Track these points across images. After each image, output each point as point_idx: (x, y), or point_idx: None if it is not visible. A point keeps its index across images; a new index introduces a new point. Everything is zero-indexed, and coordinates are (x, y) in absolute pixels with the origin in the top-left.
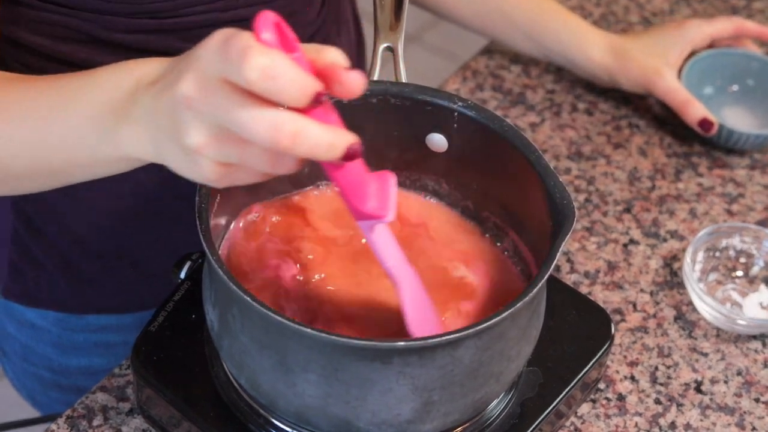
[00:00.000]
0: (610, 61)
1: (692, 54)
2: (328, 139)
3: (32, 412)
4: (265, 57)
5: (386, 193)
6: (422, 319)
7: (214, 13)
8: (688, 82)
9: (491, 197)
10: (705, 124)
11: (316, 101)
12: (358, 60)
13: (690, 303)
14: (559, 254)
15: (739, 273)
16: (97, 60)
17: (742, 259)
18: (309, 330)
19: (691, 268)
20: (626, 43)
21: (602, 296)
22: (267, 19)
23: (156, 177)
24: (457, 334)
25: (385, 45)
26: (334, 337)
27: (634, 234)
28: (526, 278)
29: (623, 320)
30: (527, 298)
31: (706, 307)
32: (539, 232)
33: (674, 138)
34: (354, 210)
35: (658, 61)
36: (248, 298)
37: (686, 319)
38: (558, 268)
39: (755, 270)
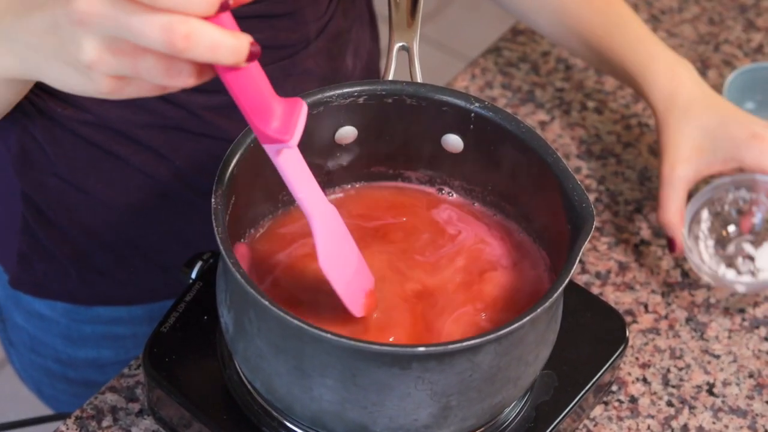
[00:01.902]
0: (658, 110)
1: (734, 68)
2: (227, 40)
3: (34, 409)
4: None
5: (293, 117)
6: (335, 254)
7: None
8: (730, 97)
9: (507, 199)
10: (671, 243)
11: (223, 8)
12: (372, 56)
13: (702, 304)
14: (579, 256)
15: (732, 228)
16: None
17: (747, 208)
18: (328, 335)
19: (688, 233)
20: (685, 110)
21: (613, 297)
22: None
23: (167, 169)
24: (478, 340)
25: (400, 44)
26: (353, 342)
27: (645, 234)
28: (543, 280)
29: (635, 321)
30: (547, 303)
31: (711, 271)
32: (556, 234)
33: None
34: (256, 130)
35: (683, 156)
36: (266, 302)
37: (698, 320)
38: None
39: (758, 219)
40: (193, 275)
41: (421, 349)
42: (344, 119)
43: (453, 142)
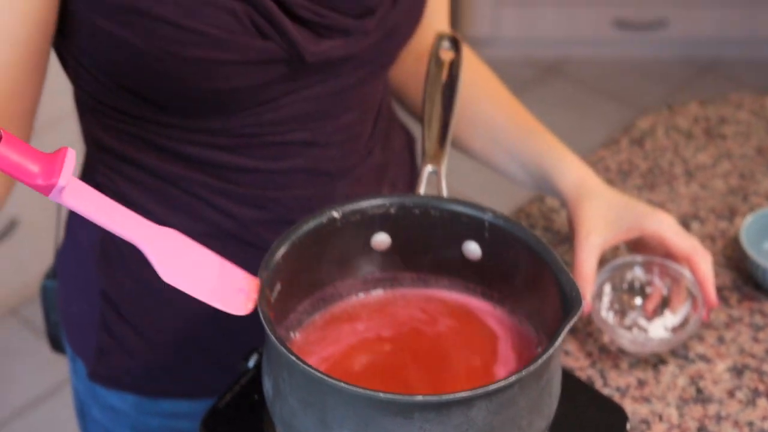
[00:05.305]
0: (570, 196)
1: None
2: None
3: None
4: None
5: (57, 163)
6: (184, 269)
7: (272, 135)
8: (748, 237)
9: (517, 297)
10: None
11: None
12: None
13: (713, 416)
14: (565, 332)
15: (638, 300)
16: (165, 167)
17: (648, 289)
18: (342, 384)
19: (599, 304)
20: (592, 192)
21: (631, 408)
22: None
23: None
24: (469, 393)
25: (431, 169)
26: (361, 390)
27: (665, 354)
28: None
29: (649, 429)
30: (532, 368)
31: (620, 335)
32: (553, 322)
33: None
34: (34, 188)
35: (596, 226)
36: (293, 358)
37: (708, 430)
38: (592, 383)
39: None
40: (250, 364)
41: (419, 398)
42: (378, 226)
43: (472, 249)
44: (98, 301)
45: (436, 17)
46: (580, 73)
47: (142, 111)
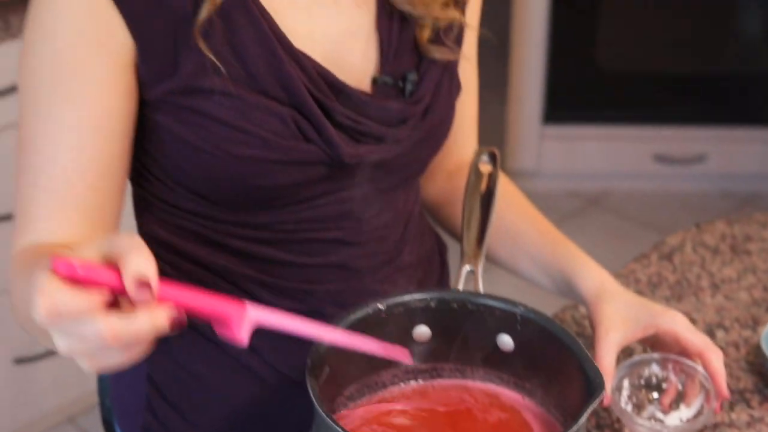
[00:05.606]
0: (591, 298)
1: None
2: (146, 325)
3: None
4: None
5: (239, 321)
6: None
7: (309, 232)
8: (766, 341)
9: (546, 387)
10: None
11: (176, 325)
12: (441, 268)
13: None
14: (588, 412)
15: (655, 395)
16: (214, 260)
17: (664, 385)
18: None
19: (619, 397)
20: (611, 294)
21: None
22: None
23: (261, 363)
24: None
25: (469, 268)
26: None
27: None
28: None
29: None
30: None
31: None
32: (579, 408)
33: (731, 377)
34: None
35: (614, 325)
36: (329, 420)
37: None
38: None
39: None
40: None
41: None
42: (419, 319)
43: (506, 341)
44: (144, 384)
45: (465, 138)
46: (621, 205)
47: (196, 206)
